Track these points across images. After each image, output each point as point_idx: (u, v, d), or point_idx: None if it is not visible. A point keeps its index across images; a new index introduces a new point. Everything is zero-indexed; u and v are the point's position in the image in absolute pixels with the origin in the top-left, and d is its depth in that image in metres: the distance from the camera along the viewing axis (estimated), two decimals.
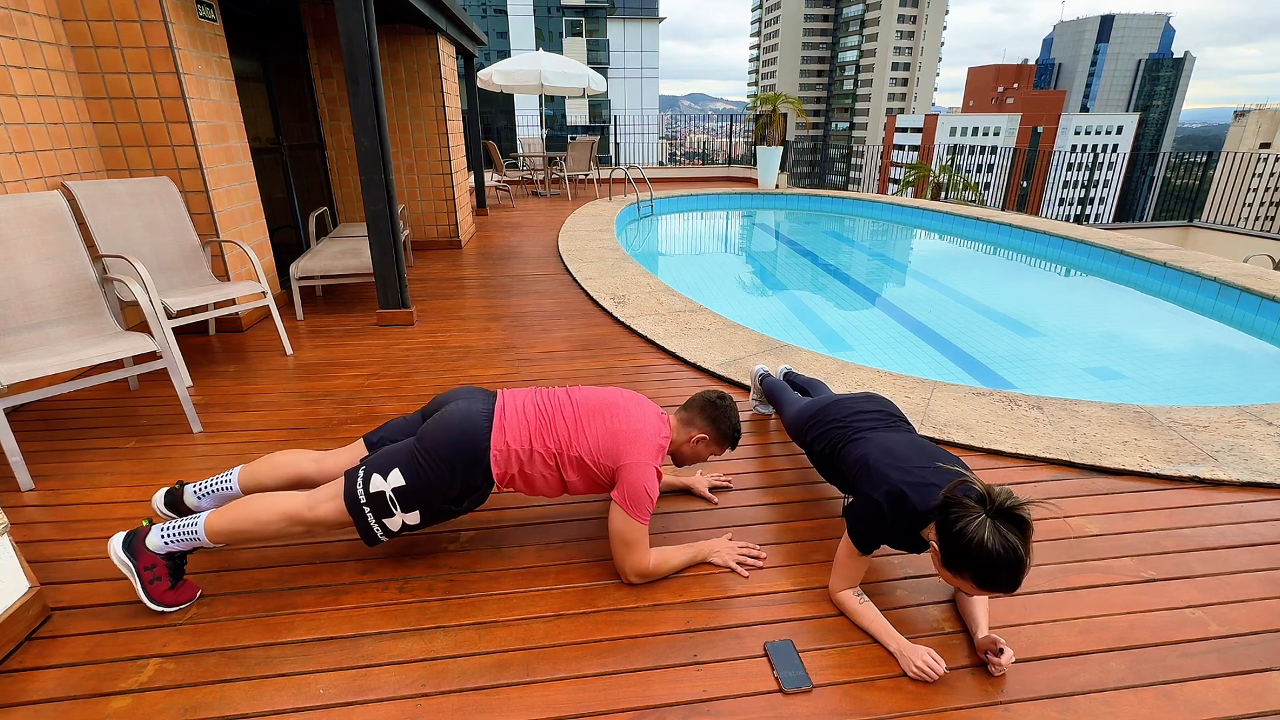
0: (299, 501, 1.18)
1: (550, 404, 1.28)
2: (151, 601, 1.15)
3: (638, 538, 1.20)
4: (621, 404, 1.29)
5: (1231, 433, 1.83)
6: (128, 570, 1.14)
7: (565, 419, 1.25)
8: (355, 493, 1.17)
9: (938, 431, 1.83)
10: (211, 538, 1.16)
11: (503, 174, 7.41)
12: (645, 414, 1.29)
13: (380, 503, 1.17)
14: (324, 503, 1.18)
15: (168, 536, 1.15)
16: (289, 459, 1.33)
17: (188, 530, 1.15)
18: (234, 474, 1.31)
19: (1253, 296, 3.45)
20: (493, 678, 1.05)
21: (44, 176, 2.13)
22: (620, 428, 1.24)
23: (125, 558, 1.14)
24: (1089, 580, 1.28)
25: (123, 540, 1.15)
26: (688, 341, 2.57)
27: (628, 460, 1.21)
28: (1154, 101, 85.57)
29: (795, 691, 1.03)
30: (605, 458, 1.22)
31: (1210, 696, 1.03)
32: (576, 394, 1.31)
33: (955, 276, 4.96)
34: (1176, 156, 7.06)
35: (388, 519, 1.18)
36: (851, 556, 1.16)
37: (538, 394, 1.31)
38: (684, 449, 1.34)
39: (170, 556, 1.16)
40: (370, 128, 2.60)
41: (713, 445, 1.35)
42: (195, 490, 1.31)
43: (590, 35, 31.19)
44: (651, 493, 1.20)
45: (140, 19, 2.29)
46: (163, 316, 1.92)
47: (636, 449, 1.22)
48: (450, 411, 1.24)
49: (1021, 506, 0.92)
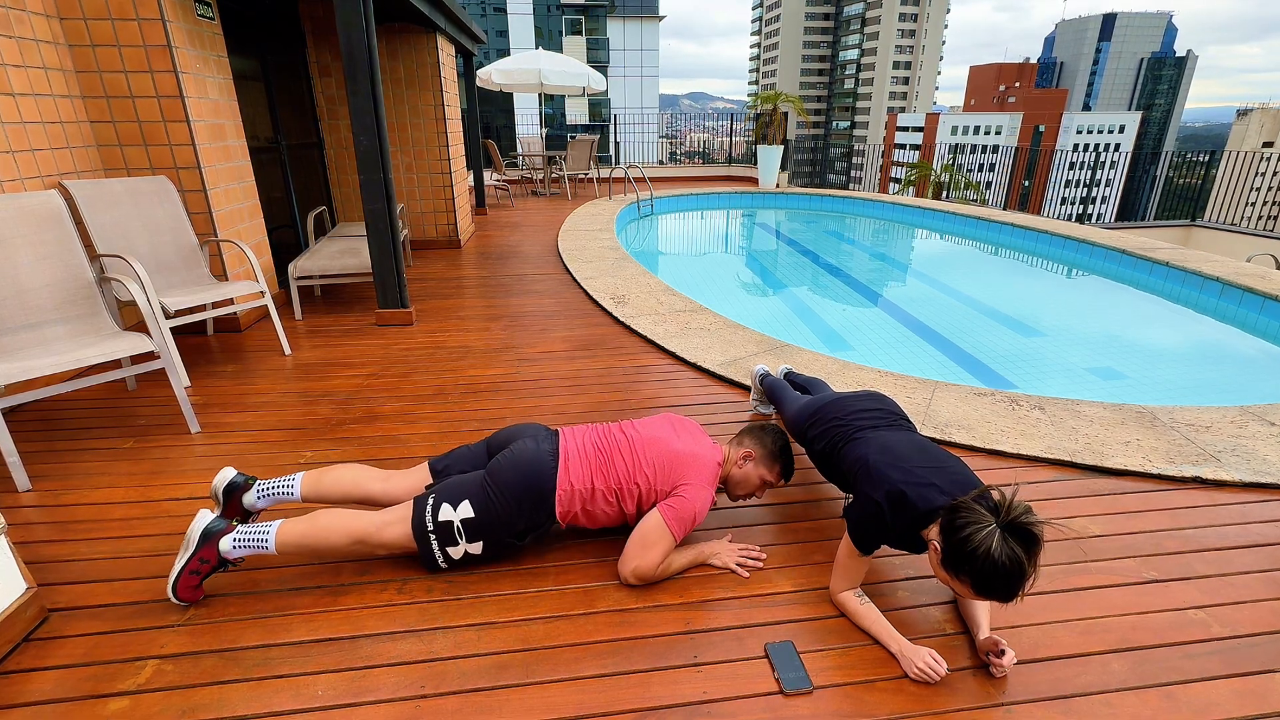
0: (368, 523, 1.21)
1: (608, 441, 1.33)
2: (174, 593, 1.15)
3: (661, 547, 1.22)
4: (678, 430, 1.36)
5: (1234, 433, 1.83)
6: (185, 550, 1.14)
7: (623, 455, 1.29)
8: (424, 520, 1.21)
9: (939, 432, 1.82)
10: (280, 550, 1.18)
11: (502, 173, 7.40)
12: (699, 439, 1.36)
13: (447, 532, 1.21)
14: (392, 525, 1.21)
15: (240, 544, 1.16)
16: (353, 476, 1.34)
17: (258, 539, 1.17)
18: (296, 481, 1.31)
19: (1255, 296, 3.44)
20: (492, 679, 1.04)
21: (41, 176, 2.12)
22: (679, 449, 1.29)
23: (196, 540, 1.14)
24: (1091, 581, 1.28)
25: (207, 525, 1.16)
26: (688, 341, 2.56)
27: (688, 480, 1.26)
28: (1156, 100, 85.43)
29: (796, 693, 1.02)
30: (664, 482, 1.26)
31: (1213, 698, 1.03)
32: (631, 429, 1.36)
33: (957, 276, 4.95)
34: (1179, 156, 7.04)
35: (451, 548, 1.22)
36: (852, 557, 1.15)
37: (595, 431, 1.36)
38: (734, 472, 1.37)
39: (224, 562, 1.17)
40: (369, 127, 2.59)
41: (761, 465, 1.36)
42: (258, 490, 1.31)
43: (590, 34, 31.13)
44: (699, 516, 1.25)
45: (138, 17, 2.28)
46: (160, 316, 1.91)
47: (696, 470, 1.27)
48: (520, 450, 1.29)
49: (1035, 523, 0.89)
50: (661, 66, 34.08)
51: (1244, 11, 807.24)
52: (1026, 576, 0.89)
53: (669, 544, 1.22)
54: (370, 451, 1.76)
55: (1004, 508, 0.92)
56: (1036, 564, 0.90)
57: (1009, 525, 0.90)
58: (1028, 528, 0.89)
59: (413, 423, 1.93)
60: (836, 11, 77.52)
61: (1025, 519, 0.90)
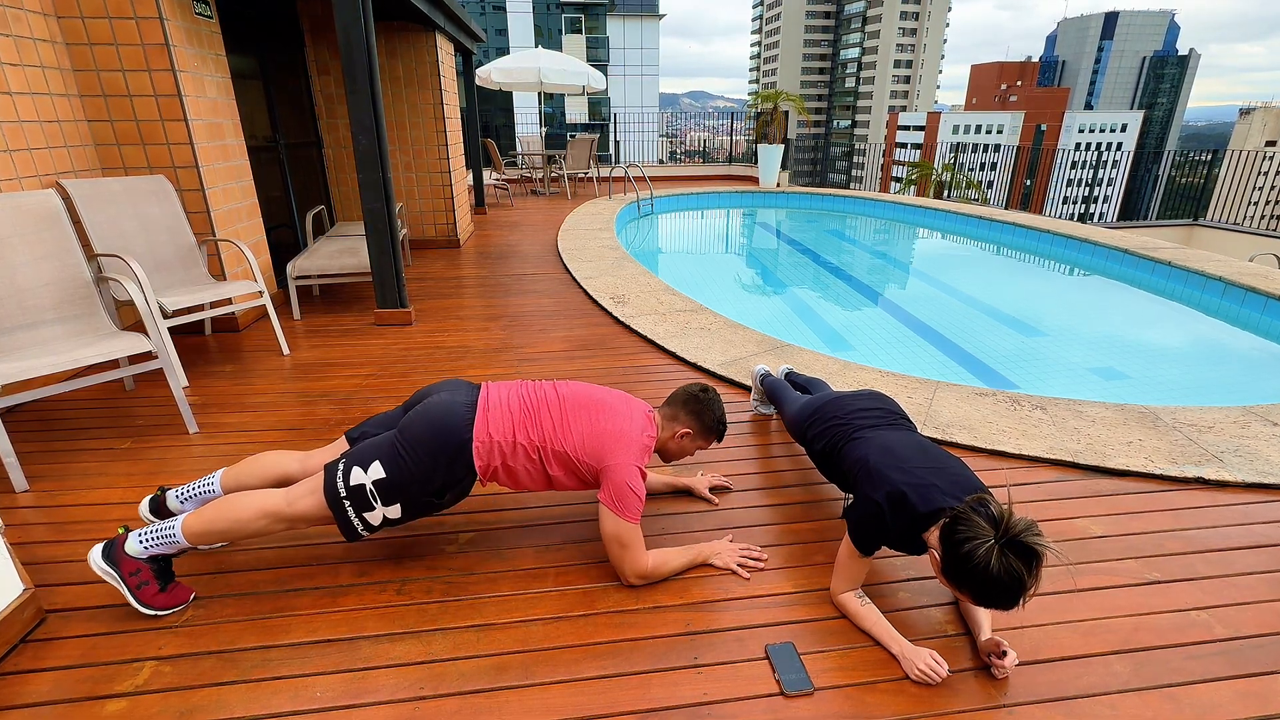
0: (278, 498, 1.16)
1: (535, 397, 1.26)
2: (143, 606, 1.13)
3: (632, 538, 1.19)
4: (608, 402, 1.27)
5: (1237, 433, 1.82)
6: (112, 579, 1.12)
7: (551, 413, 1.23)
8: (335, 486, 1.14)
9: (940, 432, 1.81)
10: (190, 539, 1.14)
11: (501, 172, 7.39)
12: (631, 413, 1.27)
13: (360, 496, 1.14)
14: (304, 497, 1.16)
15: (147, 541, 1.13)
16: (273, 459, 1.31)
17: (166, 533, 1.13)
18: (216, 477, 1.30)
19: (1258, 296, 3.43)
20: (491, 680, 1.04)
21: (39, 175, 2.11)
22: (605, 428, 1.22)
23: (107, 566, 1.12)
24: (1093, 582, 1.27)
25: (101, 551, 1.13)
26: (688, 341, 2.56)
27: (611, 461, 1.19)
28: (1158, 99, 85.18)
29: (797, 694, 1.02)
30: (589, 457, 1.21)
31: (1215, 699, 1.02)
32: (563, 388, 1.29)
33: (958, 276, 4.94)
34: (1181, 155, 7.02)
35: (368, 512, 1.16)
36: (853, 558, 1.15)
37: (523, 386, 1.29)
38: (669, 445, 1.33)
39: (154, 560, 1.14)
40: (368, 126, 2.58)
41: (698, 439, 1.33)
42: (178, 495, 1.30)
43: (590, 32, 31.09)
44: (638, 492, 1.19)
45: (136, 15, 2.27)
46: (158, 316, 1.90)
47: (620, 450, 1.20)
48: (432, 403, 1.22)
49: (1037, 540, 0.87)
50: (662, 65, 34.04)
51: (1247, 10, 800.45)
52: (1025, 589, 0.89)
53: (636, 531, 1.19)
54: None
55: (1004, 522, 0.90)
56: (1038, 576, 0.89)
57: (1009, 541, 0.89)
58: (1028, 544, 0.88)
59: None
60: (837, 10, 77.36)
61: (1026, 537, 0.88)
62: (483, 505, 1.51)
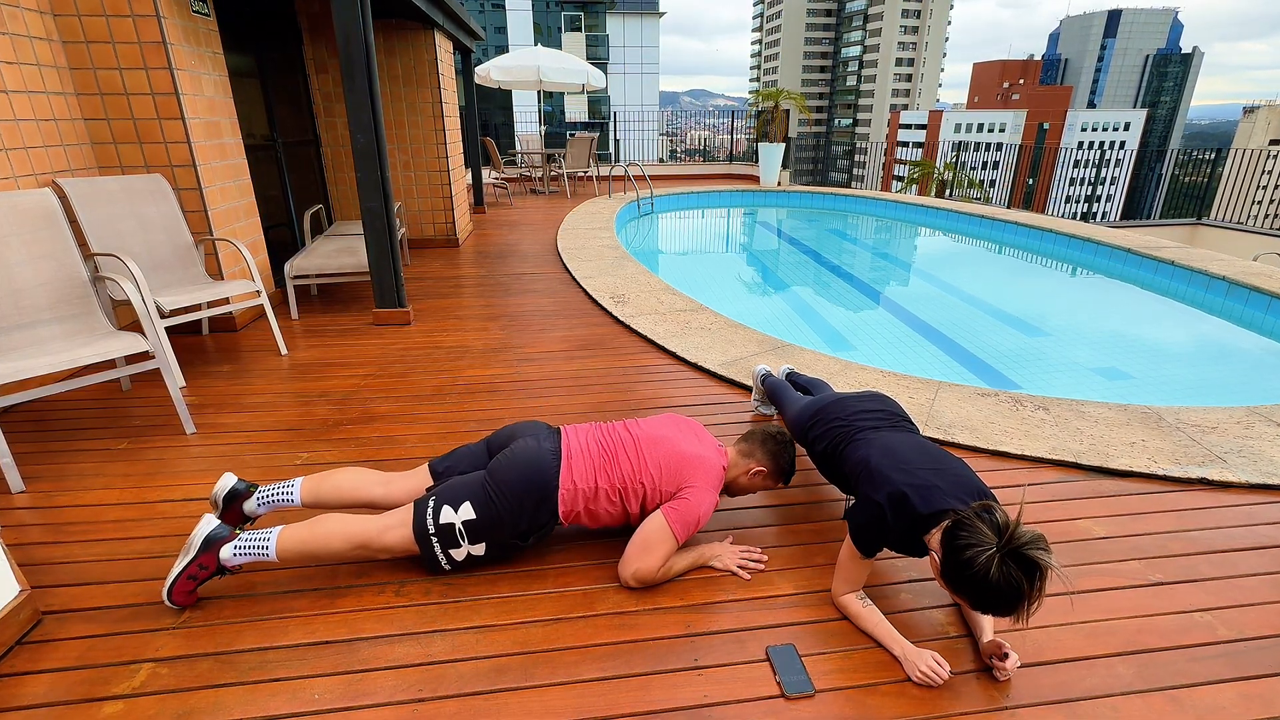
0: (370, 528, 1.20)
1: (612, 439, 1.31)
2: (169, 597, 1.14)
3: (663, 550, 1.21)
4: (683, 431, 1.34)
5: (1240, 434, 1.81)
6: (186, 554, 1.13)
7: (628, 453, 1.28)
8: (425, 523, 1.20)
9: (942, 433, 1.81)
10: (280, 558, 1.17)
11: (501, 171, 7.37)
12: (704, 442, 1.33)
13: (449, 534, 1.20)
14: (393, 529, 1.20)
15: (240, 551, 1.15)
16: (353, 481, 1.33)
17: (258, 546, 1.16)
18: (296, 486, 1.30)
19: (1262, 295, 3.42)
20: (491, 682, 1.03)
21: (35, 174, 2.10)
22: (686, 451, 1.27)
23: (198, 545, 1.13)
24: (1096, 583, 1.26)
25: (210, 532, 1.14)
26: (688, 341, 2.55)
27: (693, 483, 1.24)
28: (1162, 97, 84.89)
29: (798, 696, 1.01)
30: (669, 483, 1.25)
31: (1219, 701, 1.02)
32: (635, 428, 1.34)
33: (960, 275, 4.93)
34: (1185, 153, 7.00)
35: (454, 550, 1.21)
36: (854, 559, 1.14)
37: (599, 429, 1.34)
38: (740, 480, 1.35)
39: (222, 569, 1.15)
40: (366, 124, 2.57)
41: (769, 479, 1.36)
42: (259, 498, 1.30)
43: (589, 30, 31.01)
44: (704, 519, 1.24)
45: (133, 13, 2.26)
46: (155, 316, 1.90)
47: (701, 473, 1.25)
48: (521, 450, 1.27)
49: (1040, 554, 0.85)
50: (662, 63, 33.99)
51: (1250, 8, 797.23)
52: (1024, 599, 0.87)
53: (671, 547, 1.21)
54: (368, 452, 1.74)
55: (1008, 532, 0.89)
56: (1040, 591, 0.87)
57: (1011, 551, 0.87)
58: (1030, 556, 0.86)
59: (410, 423, 1.92)
60: (839, 8, 77.17)
61: (1029, 549, 0.86)
62: None
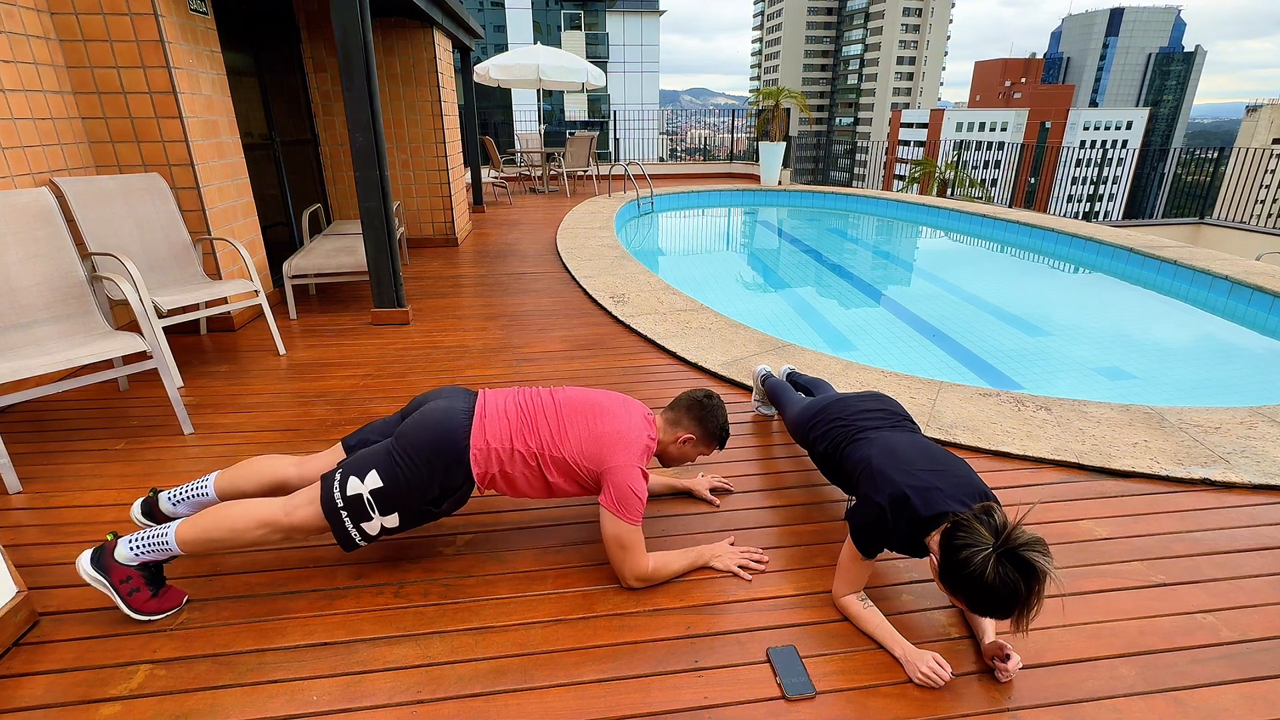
0: (275, 508, 1.15)
1: (533, 403, 1.25)
2: (135, 612, 1.12)
3: (633, 540, 1.18)
4: (606, 405, 1.26)
5: (1243, 434, 1.80)
6: (102, 586, 1.10)
7: (548, 419, 1.22)
8: (332, 496, 1.14)
9: (944, 433, 1.80)
10: (183, 547, 1.11)
11: (500, 170, 7.36)
12: (630, 415, 1.26)
13: (358, 506, 1.14)
14: (301, 507, 1.15)
15: (137, 548, 1.11)
16: (268, 464, 1.29)
17: (158, 540, 1.11)
18: (210, 480, 1.28)
19: (1265, 295, 3.41)
20: (490, 684, 1.03)
21: (32, 173, 2.09)
22: (604, 430, 1.21)
23: (96, 574, 1.10)
24: (1098, 584, 1.26)
25: (90, 558, 1.11)
26: (689, 341, 2.54)
27: (612, 463, 1.18)
28: (1164, 96, 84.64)
29: (799, 698, 1.01)
30: (589, 461, 1.20)
31: (1222, 703, 1.01)
32: (560, 394, 1.28)
33: (962, 275, 4.92)
34: (1187, 152, 6.98)
35: (365, 523, 1.15)
36: (855, 561, 1.14)
37: (520, 393, 1.28)
38: (671, 449, 1.32)
39: (144, 567, 1.12)
40: (365, 123, 2.56)
41: (700, 445, 1.32)
42: (170, 497, 1.28)
43: (589, 28, 30.95)
44: (640, 493, 1.18)
45: (130, 12, 2.25)
46: (153, 315, 1.89)
47: (620, 452, 1.19)
48: (429, 410, 1.21)
49: (1038, 557, 0.85)
50: (662, 62, 33.95)
51: (1253, 6, 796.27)
52: (1020, 603, 0.87)
53: (637, 533, 1.18)
54: None
55: (1007, 532, 0.88)
56: (1037, 594, 0.87)
57: (1007, 552, 0.87)
58: (1028, 557, 0.85)
59: None
60: (840, 6, 77.00)
61: (1026, 551, 0.85)
62: (481, 507, 1.49)
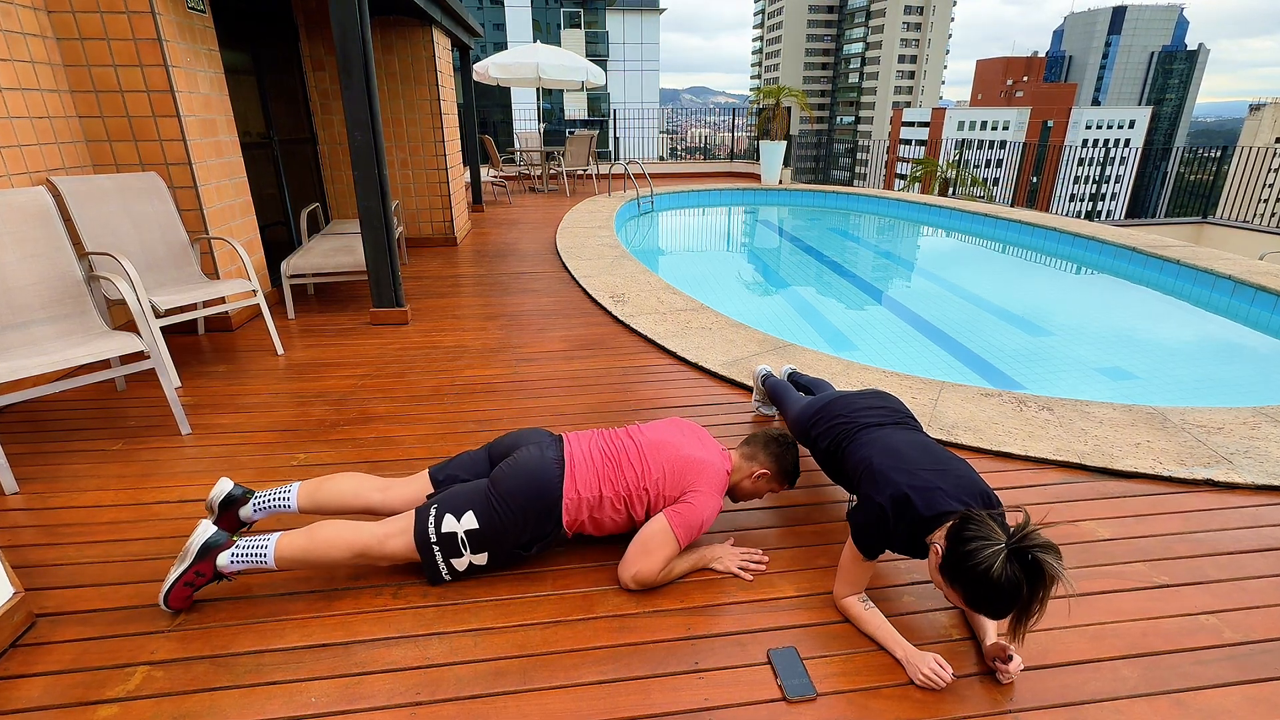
0: (370, 536, 1.18)
1: (615, 447, 1.30)
2: (165, 602, 1.13)
3: (664, 553, 1.20)
4: (686, 435, 1.33)
5: (1246, 434, 1.80)
6: (183, 561, 1.12)
7: (631, 460, 1.27)
8: (427, 531, 1.18)
9: (945, 433, 1.79)
10: (279, 565, 1.16)
11: (499, 169, 7.35)
12: (708, 446, 1.33)
13: (451, 543, 1.18)
14: (394, 537, 1.19)
15: (238, 561, 1.14)
16: (353, 486, 1.31)
17: (256, 554, 1.14)
18: (293, 492, 1.29)
19: (1268, 295, 3.40)
20: (489, 685, 1.02)
21: (29, 172, 2.09)
22: (689, 455, 1.27)
23: (195, 553, 1.12)
24: (1100, 585, 1.25)
25: (207, 539, 1.13)
26: (689, 341, 2.53)
27: (697, 487, 1.24)
28: (1167, 95, 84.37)
29: (799, 700, 1.00)
30: (673, 488, 1.24)
31: (1224, 704, 1.01)
32: (638, 434, 1.33)
33: (963, 274, 4.91)
34: (1190, 151, 6.96)
35: (456, 559, 1.20)
36: (856, 562, 1.13)
37: (601, 435, 1.33)
38: (744, 484, 1.35)
39: (219, 575, 1.14)
40: (363, 122, 2.55)
41: (773, 481, 1.35)
42: (255, 504, 1.29)
43: (589, 27, 30.88)
44: (706, 524, 1.23)
45: (127, 10, 2.24)
46: (150, 315, 1.89)
47: (706, 477, 1.25)
48: (524, 459, 1.25)
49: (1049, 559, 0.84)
50: (662, 60, 33.85)
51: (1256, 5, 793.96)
52: (1018, 602, 0.86)
53: (673, 550, 1.20)
54: (365, 453, 1.73)
55: (1024, 532, 0.88)
56: (1040, 599, 0.86)
57: (1019, 550, 0.86)
58: (1036, 558, 0.85)
59: (408, 424, 1.91)
60: (841, 4, 76.83)
61: (1039, 553, 0.85)
62: None
